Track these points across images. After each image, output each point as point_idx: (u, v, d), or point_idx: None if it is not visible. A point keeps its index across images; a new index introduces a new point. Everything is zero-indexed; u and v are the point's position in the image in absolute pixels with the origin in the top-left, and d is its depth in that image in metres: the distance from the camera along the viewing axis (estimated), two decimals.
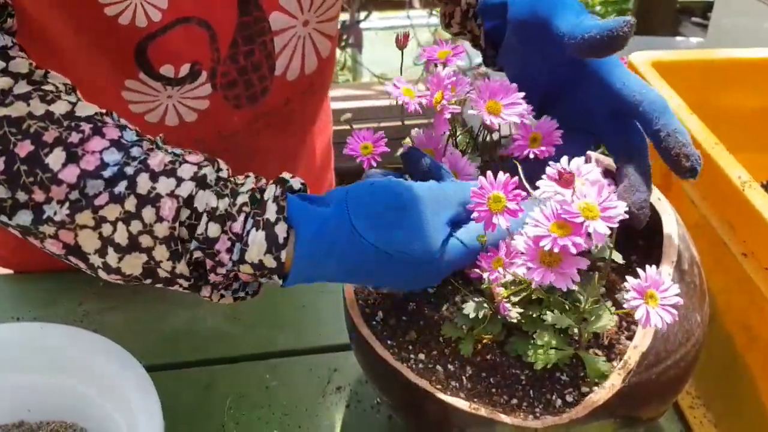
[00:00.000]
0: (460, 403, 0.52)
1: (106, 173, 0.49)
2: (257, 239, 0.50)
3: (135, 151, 0.51)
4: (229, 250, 0.50)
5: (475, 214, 0.49)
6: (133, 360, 0.63)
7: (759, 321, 0.60)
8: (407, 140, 0.59)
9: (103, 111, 0.53)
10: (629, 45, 0.53)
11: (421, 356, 0.57)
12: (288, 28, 0.72)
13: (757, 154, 0.85)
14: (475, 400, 0.53)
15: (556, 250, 0.45)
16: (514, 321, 0.52)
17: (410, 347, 0.57)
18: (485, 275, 0.52)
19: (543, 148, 0.55)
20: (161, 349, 0.76)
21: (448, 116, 0.55)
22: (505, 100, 0.54)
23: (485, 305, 0.53)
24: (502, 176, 0.49)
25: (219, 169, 0.53)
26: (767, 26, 1.94)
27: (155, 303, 0.81)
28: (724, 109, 0.79)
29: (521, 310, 0.53)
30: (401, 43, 0.58)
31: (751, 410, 0.63)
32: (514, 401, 0.54)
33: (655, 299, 0.47)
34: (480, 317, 0.53)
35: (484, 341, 0.57)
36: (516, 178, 0.49)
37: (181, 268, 0.51)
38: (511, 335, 0.56)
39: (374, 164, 0.58)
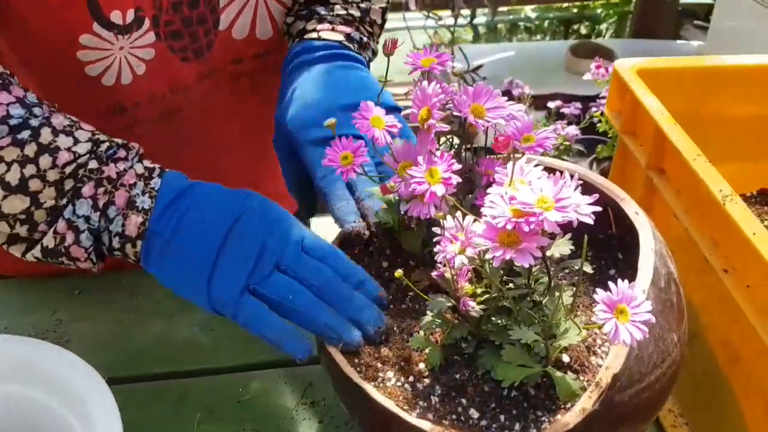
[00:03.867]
0: (426, 425, 0.50)
1: (12, 122, 0.57)
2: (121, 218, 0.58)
3: (37, 111, 0.59)
4: (103, 214, 0.58)
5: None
6: (95, 374, 0.61)
7: (741, 339, 0.58)
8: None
9: (9, 72, 0.61)
10: (627, 47, 0.52)
11: (390, 374, 0.55)
12: None
13: (749, 163, 0.83)
14: (444, 422, 0.52)
15: (509, 227, 0.45)
16: (476, 317, 0.51)
17: (380, 365, 0.56)
18: (446, 272, 0.51)
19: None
20: (133, 362, 0.74)
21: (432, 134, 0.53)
22: (488, 104, 0.53)
23: (447, 301, 0.52)
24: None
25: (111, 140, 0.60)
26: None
27: (129, 313, 0.80)
28: (713, 118, 0.77)
29: (484, 307, 0.51)
30: (388, 49, 0.56)
31: (734, 429, 0.61)
32: (484, 422, 0.52)
33: (626, 315, 0.45)
34: (442, 313, 0.52)
35: (454, 356, 0.55)
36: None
37: (61, 225, 0.58)
38: (480, 348, 0.54)
39: (354, 176, 0.56)
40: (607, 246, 0.64)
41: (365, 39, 0.76)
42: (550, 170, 0.49)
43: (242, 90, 0.82)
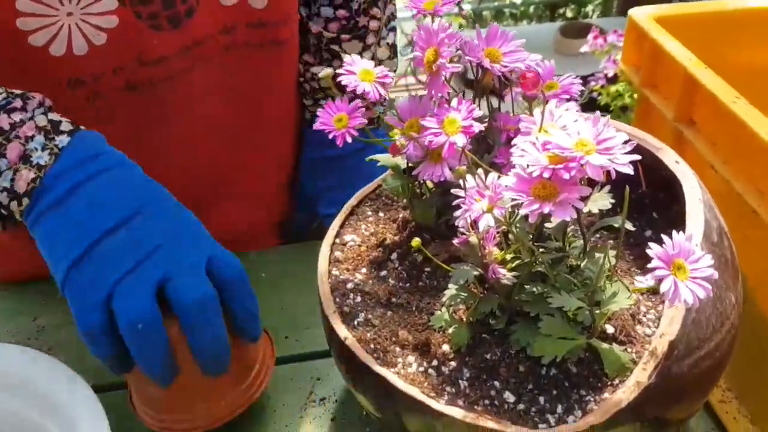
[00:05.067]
0: (458, 412, 0.44)
1: None
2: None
3: None
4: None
5: None
6: (80, 380, 0.55)
7: None
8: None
9: None
10: (616, 25, 0.47)
11: (411, 359, 0.49)
12: None
13: None
14: (476, 407, 0.45)
15: (545, 175, 0.38)
16: (509, 284, 0.44)
17: (398, 349, 0.49)
18: (471, 236, 0.44)
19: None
20: None
21: (446, 76, 0.47)
22: (504, 48, 0.46)
23: (473, 270, 0.45)
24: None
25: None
26: None
27: None
28: (736, 66, 0.71)
29: (516, 274, 0.45)
30: None
31: None
32: (521, 406, 0.46)
33: (685, 271, 0.39)
34: (466, 286, 0.45)
35: (482, 334, 0.49)
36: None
37: None
38: (512, 323, 0.48)
39: (350, 139, 0.50)
40: (640, 205, 0.57)
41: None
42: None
43: (232, 64, 0.73)
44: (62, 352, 0.67)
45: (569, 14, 3.35)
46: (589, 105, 1.66)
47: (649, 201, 0.57)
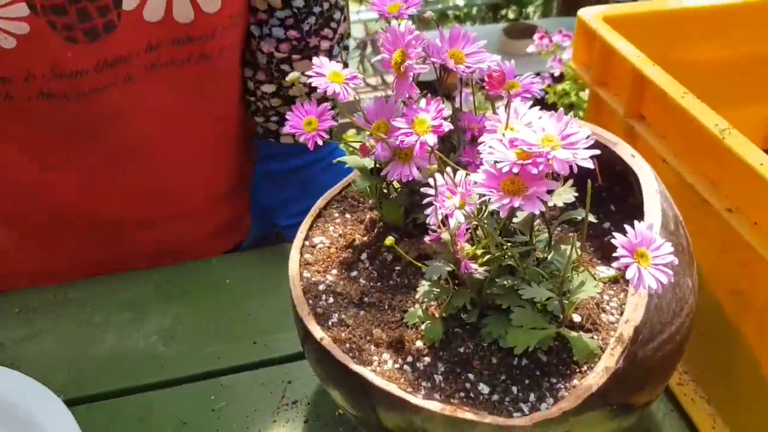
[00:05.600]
0: (435, 405, 0.45)
1: None
2: None
3: None
4: None
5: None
6: (51, 395, 0.54)
7: (752, 284, 0.54)
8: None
9: None
10: (558, 26, 0.49)
11: (386, 356, 0.49)
12: None
13: (720, 111, 0.80)
14: (452, 400, 0.46)
15: (515, 171, 0.40)
16: (481, 279, 0.46)
17: (373, 348, 0.50)
18: (443, 233, 0.45)
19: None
20: (88, 380, 0.66)
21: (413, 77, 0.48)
22: (467, 49, 0.48)
23: (447, 266, 0.46)
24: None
25: None
26: None
27: (80, 328, 0.72)
28: (681, 64, 0.74)
29: (488, 268, 0.46)
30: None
31: (747, 382, 0.57)
32: (495, 397, 0.47)
33: (647, 258, 0.41)
34: (443, 282, 0.47)
35: (455, 329, 0.50)
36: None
37: None
38: (484, 316, 0.49)
39: (320, 142, 0.51)
40: (597, 198, 0.60)
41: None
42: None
43: (159, 82, 0.72)
44: (28, 368, 0.66)
45: (511, 15, 3.42)
46: (536, 104, 1.70)
47: (605, 194, 0.59)
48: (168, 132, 0.77)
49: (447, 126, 0.45)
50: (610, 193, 0.59)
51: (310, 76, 0.48)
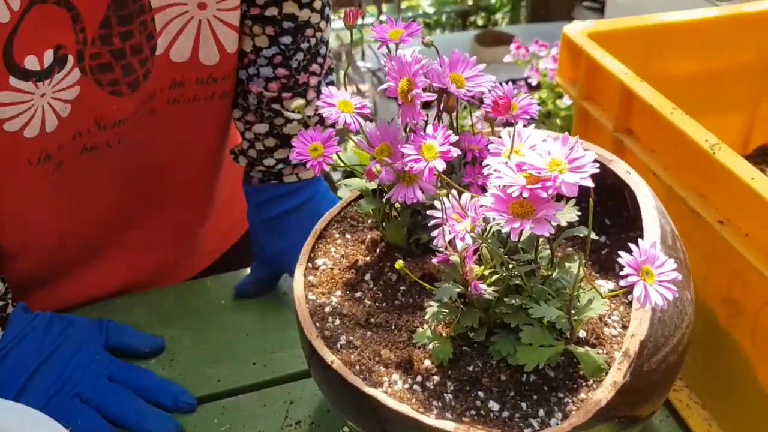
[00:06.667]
0: (449, 425, 0.45)
1: None
2: None
3: None
4: None
5: None
6: (58, 427, 0.54)
7: (743, 291, 0.56)
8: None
9: None
10: (527, 32, 0.51)
11: (396, 376, 0.50)
12: (173, 5, 0.64)
13: (705, 119, 0.83)
14: (464, 419, 0.47)
15: (525, 195, 0.41)
16: (490, 299, 0.47)
17: (382, 369, 0.51)
18: (452, 255, 0.46)
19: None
20: None
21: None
22: (466, 73, 0.49)
23: (456, 287, 0.48)
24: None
25: None
26: (662, 1, 1.98)
27: None
28: (660, 77, 0.76)
29: (496, 288, 0.47)
30: (350, 20, 0.51)
31: (741, 388, 0.59)
32: (506, 413, 0.48)
33: (652, 276, 0.42)
34: (451, 302, 0.48)
35: (463, 347, 0.51)
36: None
37: None
38: (491, 335, 0.50)
39: (326, 168, 0.51)
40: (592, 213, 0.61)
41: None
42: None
43: (179, 117, 0.73)
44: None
45: (480, 22, 3.45)
46: None
47: (599, 208, 0.61)
48: (186, 164, 0.79)
49: (455, 152, 0.46)
50: (603, 207, 0.61)
51: (319, 107, 0.48)
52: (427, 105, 0.52)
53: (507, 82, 0.52)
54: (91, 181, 0.71)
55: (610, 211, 0.61)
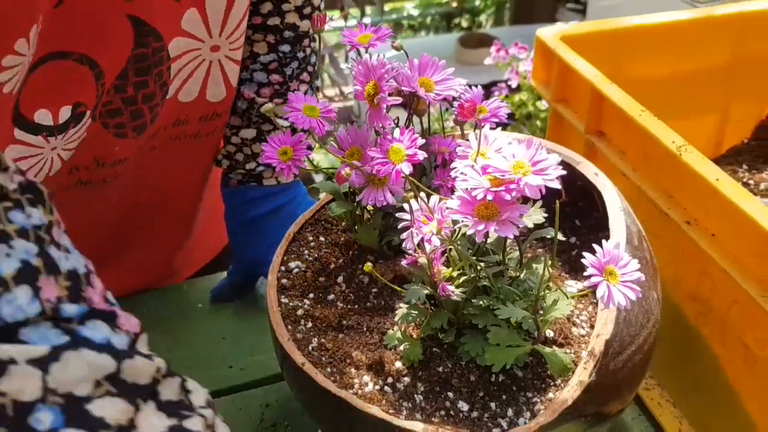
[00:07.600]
0: (418, 426, 0.46)
1: None
2: None
3: None
4: None
5: None
6: None
7: (711, 290, 0.57)
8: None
9: None
10: (511, 34, 0.51)
11: (366, 378, 0.51)
12: (189, 51, 0.64)
13: (675, 122, 0.84)
14: (433, 419, 0.48)
15: (489, 197, 0.42)
16: (458, 300, 0.47)
17: (353, 370, 0.51)
18: (420, 257, 0.47)
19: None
20: None
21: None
22: (435, 77, 0.49)
23: (425, 289, 0.48)
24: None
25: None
26: (643, 3, 1.99)
27: None
28: (632, 80, 0.77)
29: (464, 289, 0.48)
30: (316, 25, 0.51)
31: (711, 386, 0.60)
32: (475, 414, 0.49)
33: (615, 276, 0.43)
34: (421, 304, 0.48)
35: (433, 348, 0.51)
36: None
37: None
38: (460, 336, 0.51)
39: (296, 171, 0.52)
40: (562, 214, 0.61)
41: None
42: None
43: (179, 152, 0.73)
44: None
45: (464, 24, 3.47)
46: None
47: (570, 209, 0.62)
48: (174, 186, 0.79)
49: (421, 155, 0.46)
50: (574, 208, 0.62)
51: (284, 113, 0.49)
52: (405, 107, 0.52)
53: (490, 85, 0.53)
54: (82, 208, 0.71)
55: (580, 212, 0.61)
